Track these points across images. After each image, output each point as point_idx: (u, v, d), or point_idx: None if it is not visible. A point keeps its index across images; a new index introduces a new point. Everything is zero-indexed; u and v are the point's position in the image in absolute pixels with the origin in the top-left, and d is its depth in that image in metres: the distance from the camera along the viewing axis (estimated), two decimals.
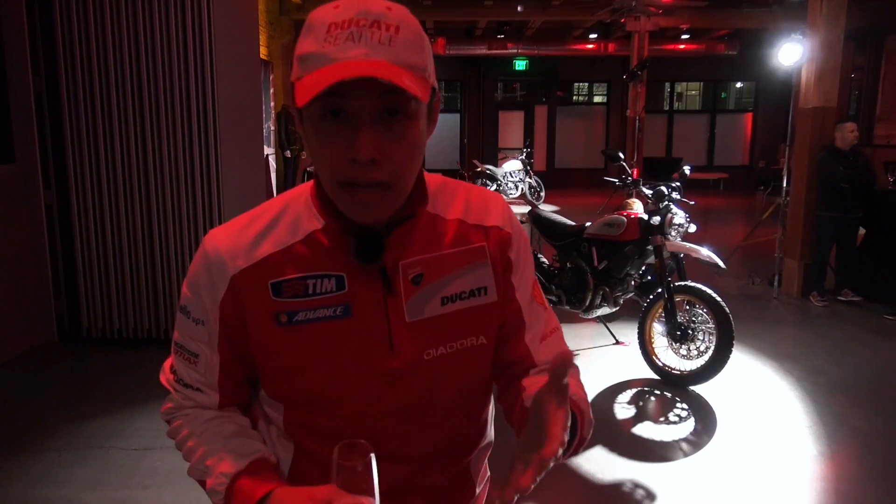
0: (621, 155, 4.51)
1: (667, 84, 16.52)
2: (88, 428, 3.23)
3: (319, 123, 0.76)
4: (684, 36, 14.17)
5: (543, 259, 4.71)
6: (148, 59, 4.13)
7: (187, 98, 4.18)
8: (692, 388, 3.78)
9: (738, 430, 3.33)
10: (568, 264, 4.40)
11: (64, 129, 4.22)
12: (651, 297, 3.94)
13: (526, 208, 4.89)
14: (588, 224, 4.30)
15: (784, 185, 6.04)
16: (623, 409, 3.58)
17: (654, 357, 3.89)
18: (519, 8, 11.55)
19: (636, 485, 2.84)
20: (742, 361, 4.17)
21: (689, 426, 3.39)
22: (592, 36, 14.42)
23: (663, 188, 3.93)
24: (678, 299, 3.79)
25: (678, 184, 4.04)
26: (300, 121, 0.82)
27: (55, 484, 2.76)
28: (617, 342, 4.55)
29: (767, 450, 3.14)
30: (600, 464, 2.99)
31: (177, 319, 0.91)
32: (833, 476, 2.95)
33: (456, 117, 16.75)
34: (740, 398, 3.71)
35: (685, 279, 3.94)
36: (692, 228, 4.11)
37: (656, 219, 3.88)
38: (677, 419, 3.48)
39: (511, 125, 16.72)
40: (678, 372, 3.80)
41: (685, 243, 3.94)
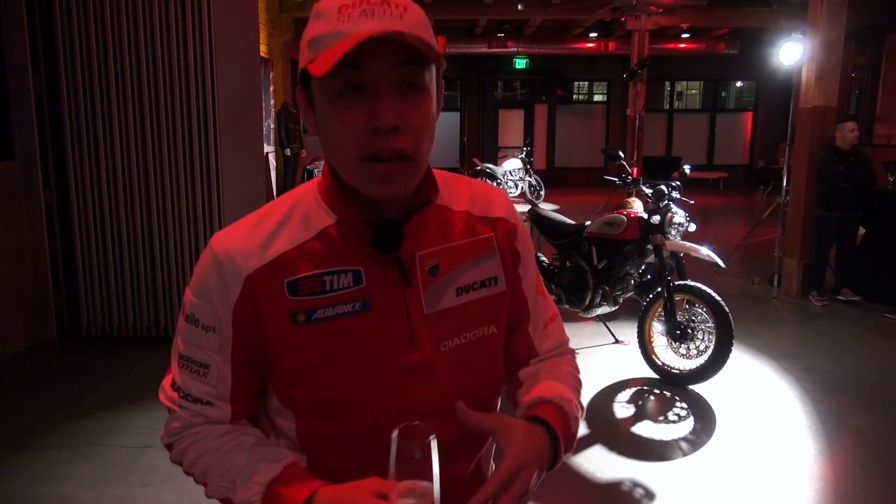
0: (621, 154, 4.51)
1: (667, 83, 16.51)
2: (88, 425, 3.24)
3: (338, 99, 0.77)
4: (684, 35, 14.16)
5: (543, 258, 4.71)
6: (148, 57, 4.13)
7: (187, 96, 4.18)
8: (691, 388, 3.78)
9: (738, 430, 3.33)
10: (568, 263, 4.41)
11: (64, 127, 4.22)
12: (651, 297, 3.94)
13: (526, 207, 4.88)
14: (588, 223, 4.30)
15: (784, 185, 6.04)
16: (622, 408, 3.59)
17: (654, 356, 3.90)
18: (519, 6, 11.54)
19: (635, 484, 2.84)
20: (741, 361, 4.17)
21: (689, 425, 3.40)
22: (593, 35, 14.41)
23: (663, 187, 3.93)
24: (678, 298, 3.79)
25: (678, 183, 4.04)
26: (310, 106, 0.82)
27: (54, 481, 2.76)
28: (616, 341, 4.55)
29: (767, 449, 3.14)
30: (599, 463, 2.99)
31: (180, 330, 0.87)
32: (832, 475, 2.95)
33: (456, 116, 16.74)
34: (740, 397, 3.71)
35: (685, 278, 3.95)
36: (692, 227, 4.12)
37: (656, 218, 3.88)
38: (677, 418, 3.49)
39: (511, 124, 16.70)
40: (678, 371, 3.80)
41: (685, 242, 3.94)
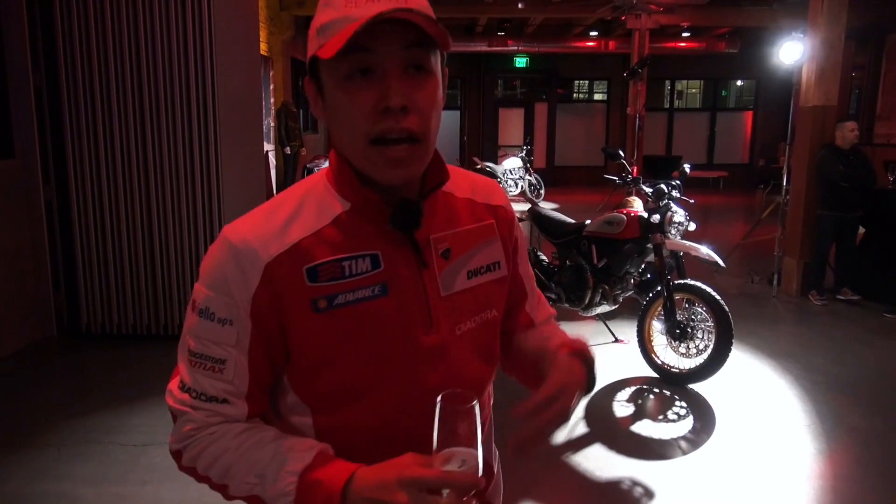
0: (621, 153, 4.51)
1: (667, 82, 16.50)
2: (88, 423, 3.23)
3: (346, 83, 0.78)
4: (685, 34, 14.13)
5: (543, 257, 4.71)
6: (148, 55, 4.13)
7: (187, 94, 4.18)
8: (691, 387, 3.78)
9: (737, 429, 3.33)
10: (567, 262, 4.41)
11: (64, 125, 4.21)
12: (650, 296, 3.94)
13: (526, 206, 4.88)
14: (588, 222, 4.30)
15: (784, 184, 6.04)
16: (622, 407, 3.59)
17: (654, 355, 3.90)
18: (520, 5, 11.52)
19: (635, 482, 2.84)
20: (741, 360, 4.17)
21: (688, 424, 3.40)
22: (593, 33, 14.38)
23: (663, 186, 3.93)
24: (677, 297, 3.79)
25: (678, 182, 4.04)
26: (319, 93, 0.83)
27: (54, 479, 2.76)
28: (616, 340, 4.56)
29: (766, 448, 3.15)
30: (599, 461, 3.00)
31: (191, 327, 0.83)
32: (831, 474, 2.95)
33: (456, 114, 16.73)
34: (739, 396, 3.71)
35: (685, 277, 3.95)
36: (692, 227, 4.12)
37: (656, 217, 3.88)
38: (676, 417, 3.49)
39: (511, 122, 16.69)
40: (677, 370, 3.80)
41: (685, 241, 3.94)
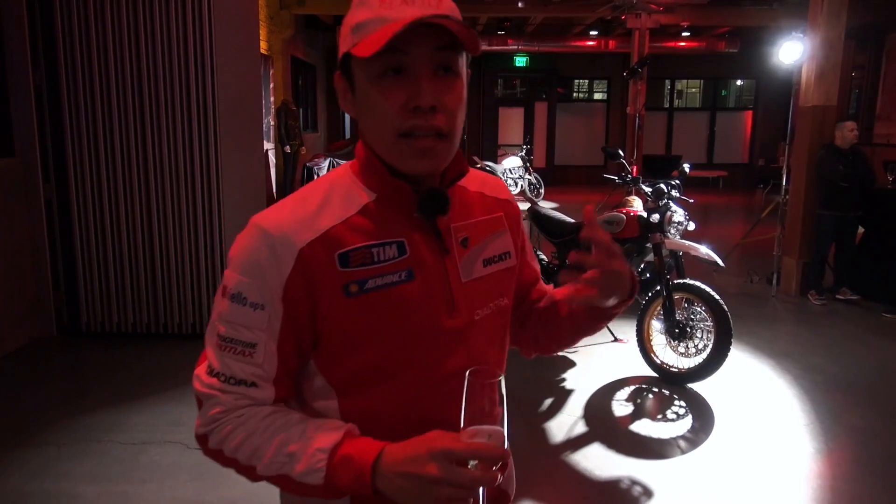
0: (621, 152, 4.50)
1: (667, 81, 16.49)
2: (87, 422, 3.24)
3: (380, 81, 0.83)
4: (685, 33, 14.11)
5: (543, 256, 4.71)
6: (148, 53, 4.13)
7: (187, 92, 4.18)
8: (690, 386, 3.79)
9: (736, 428, 3.34)
10: (567, 261, 4.41)
11: (64, 123, 4.21)
12: (650, 295, 3.95)
13: (525, 205, 4.88)
14: None
15: (783, 184, 6.05)
16: (621, 407, 3.59)
17: (653, 355, 3.90)
18: (520, 4, 11.51)
19: (633, 482, 2.85)
20: (740, 359, 4.18)
21: (687, 424, 3.41)
22: (593, 33, 14.36)
23: (663, 186, 3.93)
24: (677, 297, 3.79)
25: (678, 181, 4.04)
26: (349, 88, 0.88)
27: (54, 477, 2.77)
28: (615, 339, 4.56)
29: (765, 447, 3.15)
30: (598, 461, 3.00)
31: (223, 313, 0.86)
32: (830, 473, 2.96)
33: None
34: (738, 396, 3.72)
35: (684, 277, 3.95)
36: (691, 226, 4.12)
37: (656, 216, 3.88)
38: (675, 417, 3.50)
39: (511, 122, 16.67)
40: (676, 369, 3.80)
41: (684, 241, 3.94)
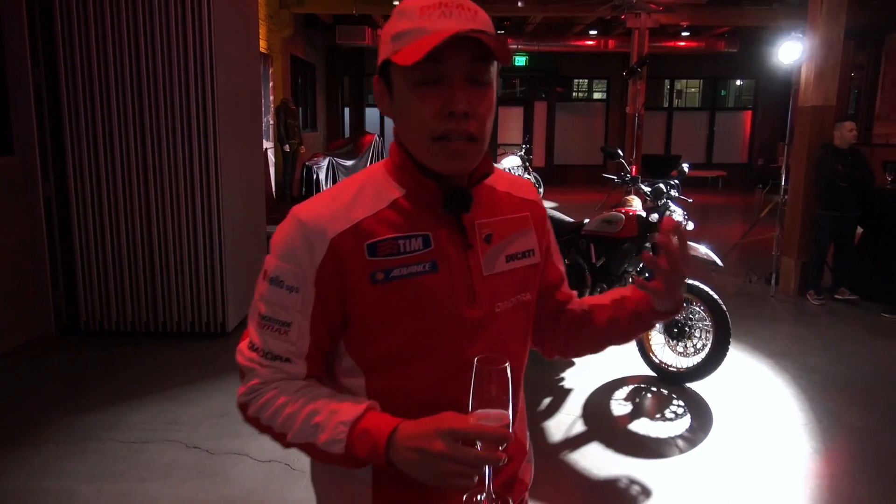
0: (620, 152, 4.51)
1: (666, 81, 16.50)
2: (86, 421, 3.24)
3: (418, 87, 0.90)
4: (684, 33, 14.13)
5: None
6: (147, 52, 4.13)
7: (186, 91, 4.18)
8: (688, 386, 3.79)
9: (734, 428, 3.34)
10: (566, 261, 4.41)
11: (63, 122, 4.21)
12: None
13: None
14: (586, 221, 4.30)
15: (782, 184, 6.05)
16: (620, 406, 3.60)
17: (651, 354, 3.91)
18: (519, 3, 11.51)
19: (632, 481, 2.85)
20: (738, 359, 4.19)
21: (686, 423, 3.41)
22: (592, 32, 14.37)
23: (662, 185, 3.93)
24: None
25: (677, 181, 4.04)
26: (388, 91, 0.95)
27: (53, 476, 2.77)
28: None
29: (763, 447, 3.16)
30: (597, 460, 3.01)
31: (263, 294, 0.96)
32: (828, 473, 2.96)
33: None
34: (736, 395, 3.72)
35: None
36: (690, 226, 4.11)
37: (654, 216, 3.88)
38: (673, 416, 3.50)
39: (510, 121, 16.67)
40: (675, 369, 3.81)
41: None
